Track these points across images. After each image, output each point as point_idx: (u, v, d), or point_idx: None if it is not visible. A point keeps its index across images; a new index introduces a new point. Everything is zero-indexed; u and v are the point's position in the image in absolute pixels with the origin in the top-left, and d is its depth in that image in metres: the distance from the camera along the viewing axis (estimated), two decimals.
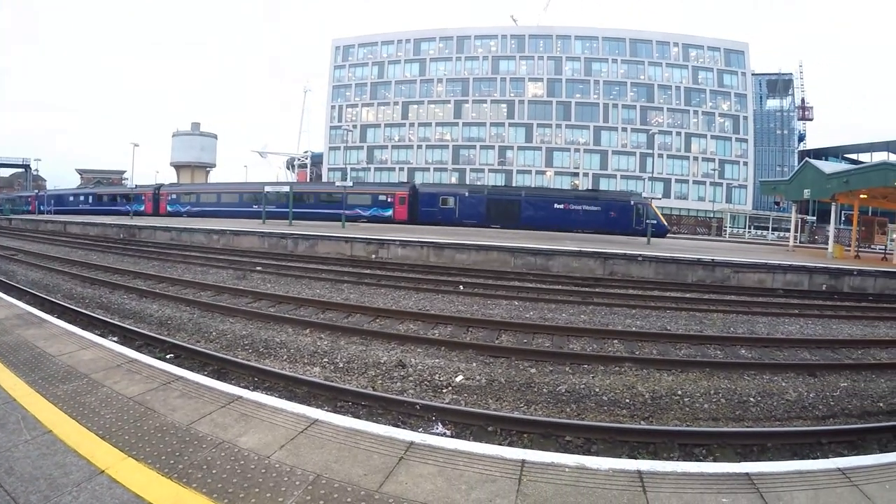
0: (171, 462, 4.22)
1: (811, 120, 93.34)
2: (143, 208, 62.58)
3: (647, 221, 39.44)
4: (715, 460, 6.29)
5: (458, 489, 4.04)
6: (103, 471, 4.05)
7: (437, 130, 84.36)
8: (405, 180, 76.91)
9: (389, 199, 48.77)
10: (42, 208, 73.79)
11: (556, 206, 45.21)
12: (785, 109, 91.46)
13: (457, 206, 48.15)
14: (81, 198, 71.30)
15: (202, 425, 4.91)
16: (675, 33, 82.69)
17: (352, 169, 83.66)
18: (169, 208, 61.22)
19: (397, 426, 6.44)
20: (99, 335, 8.52)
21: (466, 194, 49.01)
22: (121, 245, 31.09)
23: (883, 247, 40.00)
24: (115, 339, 9.43)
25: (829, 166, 38.31)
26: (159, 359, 7.55)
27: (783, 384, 9.28)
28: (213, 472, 4.10)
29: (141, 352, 7.78)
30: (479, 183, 74.43)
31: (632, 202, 45.58)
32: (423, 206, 49.06)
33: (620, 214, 44.63)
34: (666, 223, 48.48)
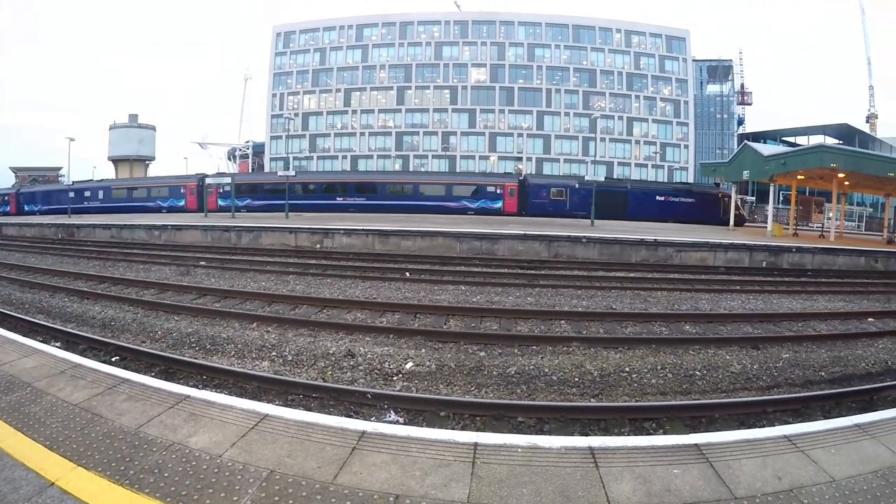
0: (122, 468, 4.15)
1: (750, 104, 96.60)
2: (182, 203, 54.15)
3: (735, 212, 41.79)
4: (665, 433, 6.46)
5: (413, 476, 4.11)
6: (53, 482, 3.96)
7: (380, 117, 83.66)
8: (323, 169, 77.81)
9: (499, 191, 47.44)
10: (30, 208, 63.20)
11: (657, 198, 45.61)
12: (725, 94, 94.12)
13: (567, 198, 47.32)
14: (88, 193, 59.61)
15: (151, 428, 4.84)
16: (617, 20, 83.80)
17: (294, 158, 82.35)
18: (221, 202, 52.63)
19: (350, 416, 6.50)
20: (41, 341, 8.28)
21: (576, 186, 47.71)
22: (59, 245, 29.97)
23: (820, 225, 41.77)
24: (57, 344, 9.17)
25: (767, 149, 39.91)
26: (104, 362, 7.38)
27: (728, 357, 9.67)
28: (165, 475, 4.06)
29: (85, 356, 7.59)
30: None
31: (718, 195, 46.96)
32: (533, 198, 47.83)
33: (710, 206, 45.68)
34: (745, 213, 49.99)
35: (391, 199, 47.36)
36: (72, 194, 55.66)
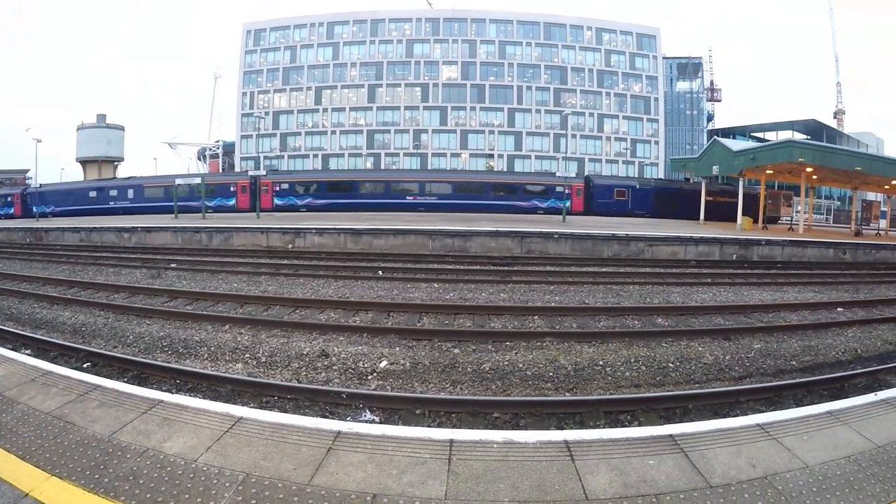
0: (97, 477, 4.11)
1: (719, 101, 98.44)
2: (231, 203, 50.71)
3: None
4: (640, 425, 6.52)
5: (390, 474, 4.14)
6: (28, 493, 3.91)
7: (352, 115, 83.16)
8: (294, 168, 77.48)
9: (567, 191, 46.71)
10: (40, 210, 55.68)
11: (707, 199, 45.34)
12: (694, 91, 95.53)
13: (629, 198, 48.11)
14: (114, 192, 54.85)
15: (124, 434, 4.80)
16: (588, 18, 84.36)
17: (265, 157, 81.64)
18: (278, 201, 50.03)
19: (325, 417, 6.51)
20: (10, 349, 8.13)
21: (637, 187, 49.21)
22: (27, 250, 29.33)
23: (788, 218, 42.57)
24: (27, 351, 9.01)
25: (736, 144, 40.69)
26: (76, 369, 7.29)
27: (700, 349, 9.87)
28: (140, 482, 4.03)
29: (56, 363, 7.48)
30: (644, 177, 73.01)
31: (757, 194, 47.21)
32: (598, 198, 48.74)
33: (753, 204, 45.36)
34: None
35: (463, 198, 46.93)
36: (93, 193, 52.53)
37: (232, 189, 51.34)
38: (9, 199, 61.06)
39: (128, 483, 4.04)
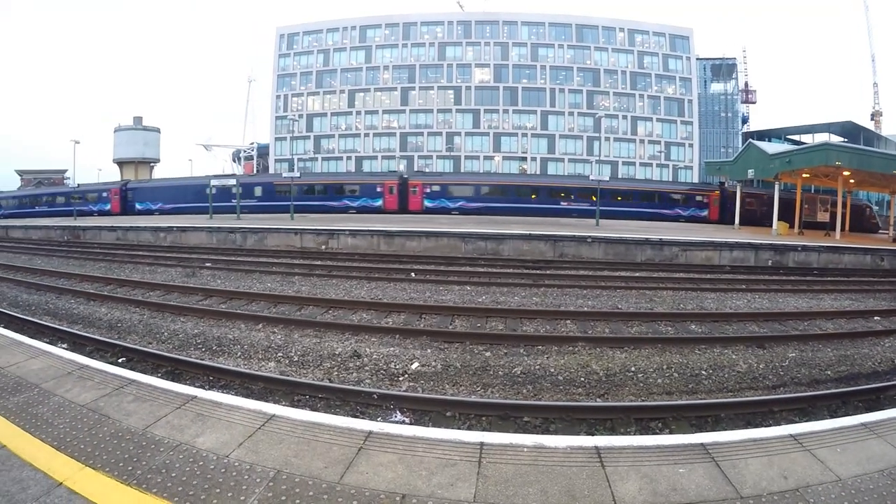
0: (130, 468, 4.17)
1: (754, 103, 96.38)
2: (378, 203, 49.04)
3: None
4: (671, 433, 6.46)
5: (419, 475, 4.11)
6: (61, 483, 3.98)
7: (384, 118, 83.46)
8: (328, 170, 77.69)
9: (705, 200, 47.09)
10: (144, 206, 53.60)
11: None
12: (729, 93, 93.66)
13: (757, 206, 46.41)
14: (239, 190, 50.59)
15: (158, 428, 4.86)
16: (621, 19, 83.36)
17: (299, 159, 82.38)
18: (428, 203, 48.73)
19: (356, 417, 6.50)
20: (48, 343, 8.35)
21: (766, 197, 47.04)
22: (65, 248, 30.07)
23: (826, 223, 41.45)
24: (64, 345, 9.22)
25: (772, 147, 39.79)
26: (111, 363, 7.40)
27: (733, 357, 9.65)
28: (173, 475, 4.08)
29: (92, 357, 7.61)
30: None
31: (863, 205, 47.44)
32: (732, 207, 47.21)
33: (858, 215, 45.45)
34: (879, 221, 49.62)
35: (614, 205, 46.00)
36: (213, 190, 49.21)
37: (378, 190, 49.53)
38: (104, 194, 56.66)
39: (160, 476, 4.08)
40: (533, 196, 48.84)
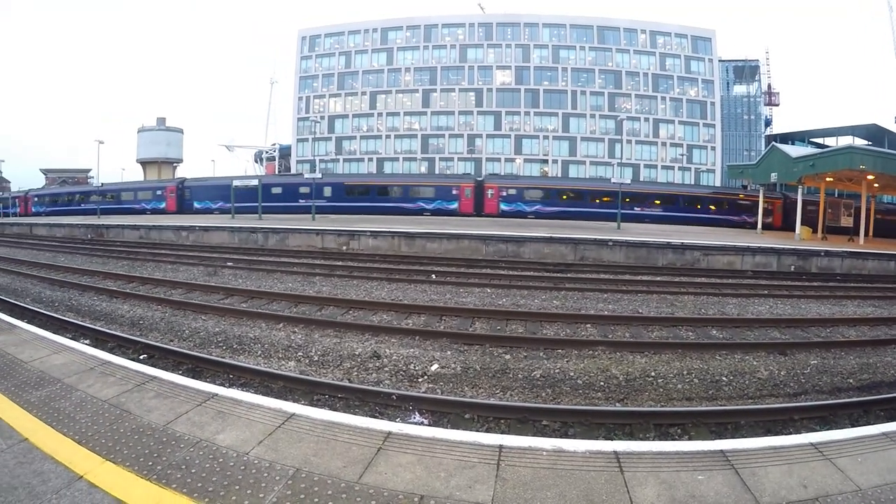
0: (150, 463, 4.20)
1: (777, 105, 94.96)
2: (454, 206, 48.20)
3: None
4: (690, 439, 6.38)
5: (438, 476, 4.10)
6: (82, 476, 4.02)
7: (406, 120, 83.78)
8: (349, 171, 77.03)
9: (769, 207, 45.49)
10: (203, 206, 51.50)
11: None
12: (752, 95, 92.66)
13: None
14: (305, 189, 48.96)
15: (179, 425, 4.90)
16: (642, 20, 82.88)
17: (320, 160, 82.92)
18: (504, 207, 47.71)
19: (375, 417, 6.49)
20: (70, 338, 8.42)
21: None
22: (88, 245, 30.51)
23: (850, 227, 40.69)
24: (86, 341, 9.30)
25: (795, 150, 39.13)
26: (133, 360, 7.46)
27: (755, 363, 9.51)
28: (193, 471, 4.10)
29: (114, 353, 7.70)
30: None
31: (887, 209, 46.14)
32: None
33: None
34: None
35: (689, 211, 45.73)
36: (277, 189, 48.88)
37: (454, 192, 48.89)
38: (159, 192, 54.12)
39: (180, 472, 4.10)
40: (606, 200, 47.34)
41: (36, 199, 68.21)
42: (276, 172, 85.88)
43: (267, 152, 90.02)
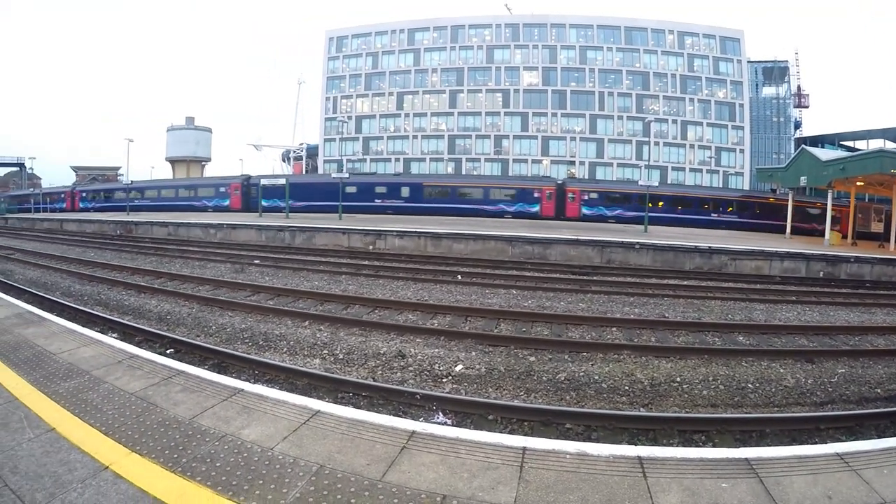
0: (175, 456, 4.24)
1: (807, 107, 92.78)
2: (535, 209, 46.87)
3: None
4: (714, 446, 6.30)
5: (461, 477, 4.07)
6: (108, 466, 4.07)
7: (433, 120, 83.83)
8: (377, 171, 77.10)
9: (837, 215, 44.41)
10: (272, 203, 49.00)
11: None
12: (781, 97, 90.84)
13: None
14: (381, 189, 49.05)
15: (205, 419, 4.94)
16: (670, 21, 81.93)
17: (348, 160, 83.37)
18: (586, 211, 46.31)
19: (398, 416, 6.47)
20: (99, 332, 8.54)
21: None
22: (118, 241, 31.03)
23: (880, 233, 39.76)
24: (114, 335, 9.43)
25: (825, 153, 38.25)
26: (160, 354, 7.55)
27: (781, 371, 9.33)
28: (217, 464, 4.13)
29: (141, 347, 7.78)
30: None
31: None
32: None
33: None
34: None
35: (777, 218, 43.38)
36: (352, 189, 46.91)
37: (536, 195, 47.62)
38: (222, 189, 51.99)
39: (205, 465, 4.13)
40: (686, 207, 46.89)
41: (84, 194, 67.30)
42: (304, 172, 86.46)
43: (294, 152, 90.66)
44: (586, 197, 46.75)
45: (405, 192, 49.14)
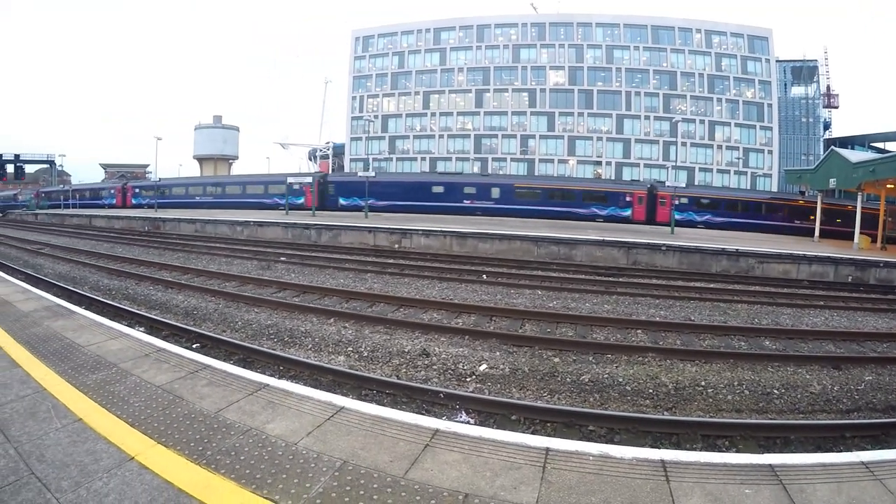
0: (200, 448, 4.29)
1: (837, 108, 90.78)
2: (627, 213, 46.39)
3: None
4: (738, 452, 6.23)
5: (483, 476, 4.06)
6: (133, 457, 4.13)
7: (459, 120, 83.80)
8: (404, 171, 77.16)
9: None
10: (351, 202, 48.19)
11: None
12: (810, 97, 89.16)
13: None
14: (470, 189, 47.75)
15: (230, 413, 4.98)
16: (697, 19, 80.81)
17: (374, 159, 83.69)
18: (677, 216, 43.34)
19: (422, 414, 6.47)
20: (126, 325, 8.64)
21: None
22: (146, 237, 31.48)
23: None
24: (142, 329, 9.55)
25: (855, 155, 37.44)
26: (186, 348, 7.65)
27: (807, 377, 9.16)
28: (242, 458, 4.16)
29: (168, 341, 7.87)
30: None
31: None
32: None
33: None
34: None
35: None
36: (439, 188, 46.57)
37: (628, 199, 47.05)
38: (296, 187, 49.34)
39: (229, 458, 4.17)
40: (775, 213, 46.03)
41: (138, 189, 65.80)
42: (329, 170, 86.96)
43: (321, 150, 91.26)
44: (677, 202, 45.11)
45: (495, 192, 48.34)
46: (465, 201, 47.18)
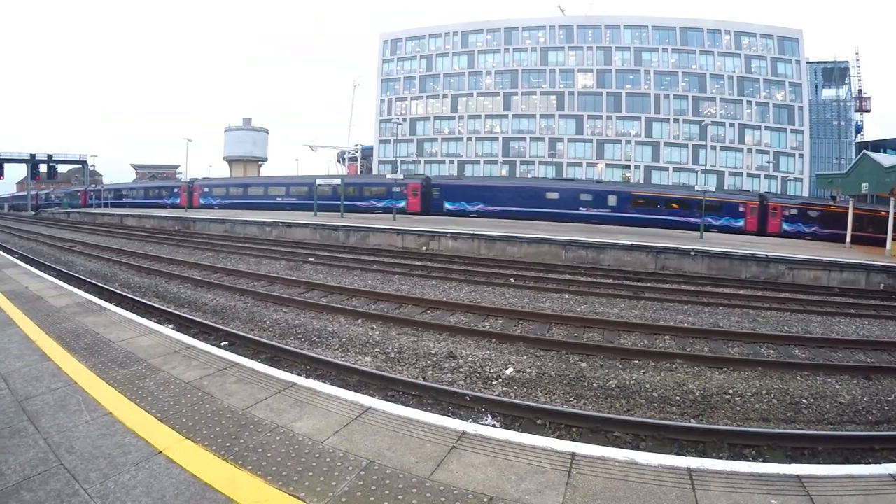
0: (227, 445, 4.33)
1: (869, 111, 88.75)
2: (740, 224, 45.63)
3: None
4: (765, 461, 6.12)
5: (508, 479, 4.04)
6: (161, 451, 4.18)
7: (487, 123, 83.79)
8: (431, 173, 76.80)
9: None
10: (458, 206, 47.54)
11: None
12: (841, 99, 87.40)
13: None
14: (554, 195, 47.01)
15: (258, 410, 5.02)
16: (726, 21, 79.75)
17: (402, 162, 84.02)
18: (786, 227, 44.56)
19: (448, 416, 6.45)
20: (156, 322, 8.78)
21: None
22: (176, 237, 31.96)
23: None
24: (171, 326, 9.68)
25: (888, 159, 36.48)
26: (215, 346, 7.72)
27: (837, 386, 8.95)
28: (268, 455, 4.19)
29: (197, 339, 7.93)
30: None
31: None
32: None
33: None
34: None
35: None
36: (554, 195, 45.12)
37: (741, 210, 45.97)
38: (396, 189, 49.01)
39: (256, 454, 4.20)
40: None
41: (206, 189, 63.40)
42: (358, 172, 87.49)
43: (349, 153, 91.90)
44: (787, 213, 45.43)
45: (612, 200, 47.27)
46: (580, 208, 46.07)
